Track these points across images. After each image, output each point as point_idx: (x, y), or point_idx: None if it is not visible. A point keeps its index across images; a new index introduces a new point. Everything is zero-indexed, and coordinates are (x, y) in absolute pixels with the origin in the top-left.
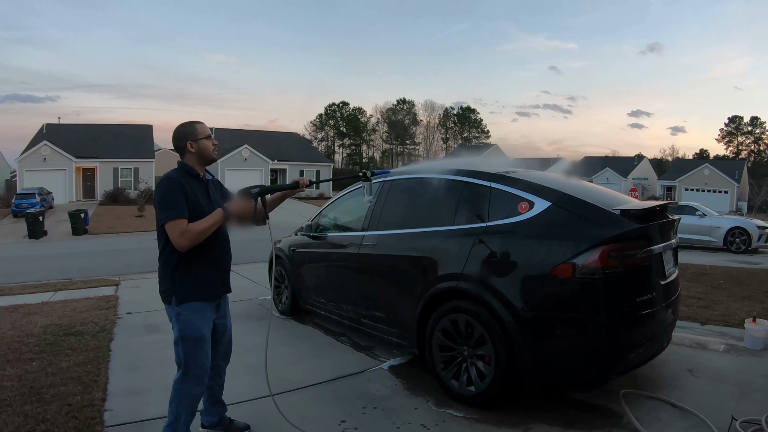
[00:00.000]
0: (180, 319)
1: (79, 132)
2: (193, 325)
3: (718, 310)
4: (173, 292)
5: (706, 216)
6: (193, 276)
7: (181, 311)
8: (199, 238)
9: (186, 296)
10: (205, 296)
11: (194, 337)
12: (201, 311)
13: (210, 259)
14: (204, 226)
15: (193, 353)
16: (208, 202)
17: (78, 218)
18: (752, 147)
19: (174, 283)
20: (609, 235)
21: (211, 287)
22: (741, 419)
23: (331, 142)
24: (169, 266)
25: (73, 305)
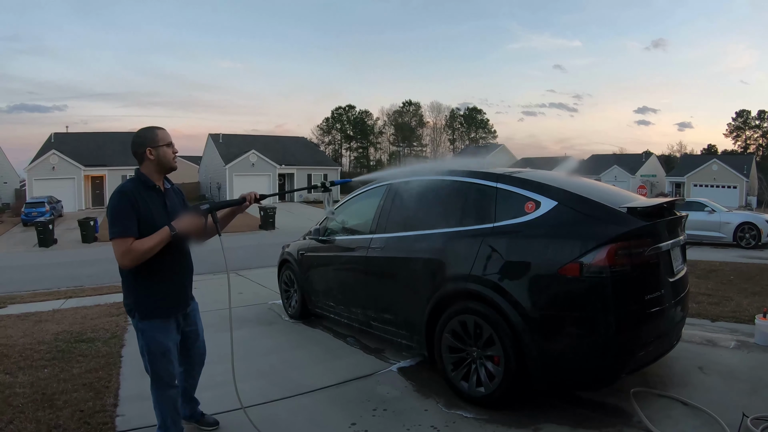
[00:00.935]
0: (144, 336)
1: (87, 140)
2: (156, 340)
3: (729, 307)
4: (136, 308)
5: (715, 212)
6: (154, 292)
7: (145, 328)
8: (144, 257)
9: (147, 313)
10: (166, 313)
11: (159, 352)
12: (164, 327)
13: (167, 275)
14: (148, 246)
15: (159, 363)
16: (164, 214)
17: (87, 226)
18: (760, 141)
19: (136, 299)
20: (616, 233)
21: (171, 303)
22: (752, 416)
23: (339, 146)
24: (129, 280)
25: (83, 312)
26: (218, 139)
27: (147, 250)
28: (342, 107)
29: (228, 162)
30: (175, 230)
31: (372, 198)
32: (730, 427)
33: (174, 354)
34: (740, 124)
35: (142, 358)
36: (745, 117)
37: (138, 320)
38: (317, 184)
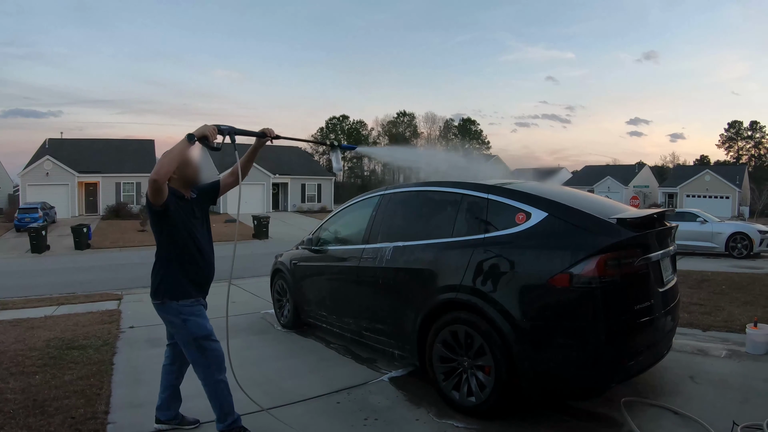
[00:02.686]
0: (187, 324)
1: (81, 147)
2: (199, 324)
3: (720, 316)
4: (165, 289)
5: (707, 222)
6: (182, 272)
7: (184, 313)
8: (169, 166)
9: (177, 293)
10: (194, 292)
11: (203, 335)
12: (199, 311)
13: (194, 256)
14: (170, 155)
15: (208, 349)
16: (194, 220)
17: (81, 233)
18: (753, 152)
19: (163, 279)
20: (605, 243)
21: (198, 282)
22: (743, 424)
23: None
24: (160, 262)
25: (75, 319)
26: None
27: (171, 158)
28: (336, 117)
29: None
30: (192, 134)
31: (365, 208)
32: None
33: (214, 336)
34: (732, 135)
35: (187, 349)
36: (738, 128)
37: (169, 304)
38: (326, 141)
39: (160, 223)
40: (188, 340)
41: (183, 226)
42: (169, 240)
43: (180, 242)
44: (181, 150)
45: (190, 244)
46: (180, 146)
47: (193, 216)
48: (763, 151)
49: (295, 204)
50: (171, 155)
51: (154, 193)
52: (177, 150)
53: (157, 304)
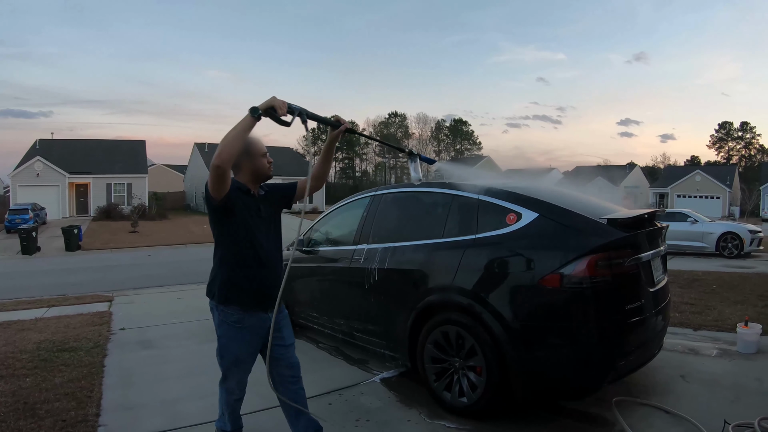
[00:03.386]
0: (221, 328)
1: (72, 147)
2: (230, 342)
3: (711, 316)
4: (217, 291)
5: (698, 222)
6: (235, 277)
7: (223, 320)
8: (233, 145)
9: (225, 297)
10: (246, 303)
11: (231, 356)
12: (242, 327)
13: (249, 263)
14: (233, 132)
15: (230, 367)
16: (258, 219)
17: (71, 234)
18: (743, 152)
19: (214, 279)
20: (596, 244)
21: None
22: (734, 423)
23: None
24: (215, 261)
25: (66, 321)
26: (204, 149)
27: (234, 137)
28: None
29: None
30: (257, 107)
31: (356, 209)
32: None
33: (247, 363)
34: (723, 136)
35: (218, 358)
36: (728, 128)
37: (215, 310)
38: (404, 149)
39: (219, 219)
40: (217, 353)
41: (243, 225)
42: (227, 239)
43: (238, 243)
44: (244, 127)
45: (247, 246)
46: (243, 123)
47: (258, 215)
48: (753, 151)
49: None
50: (233, 134)
51: (215, 181)
52: (240, 127)
53: (210, 305)
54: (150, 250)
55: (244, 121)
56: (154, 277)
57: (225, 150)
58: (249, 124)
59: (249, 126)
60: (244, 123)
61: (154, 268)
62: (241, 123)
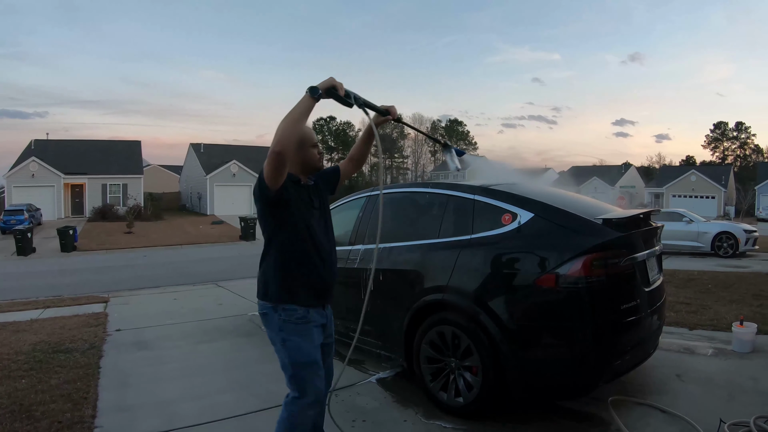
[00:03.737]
0: (283, 333)
1: (67, 148)
2: (297, 345)
3: (707, 315)
4: (270, 290)
5: (693, 222)
6: (293, 274)
7: (284, 327)
8: (293, 127)
9: (282, 295)
10: (303, 300)
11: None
12: (306, 328)
13: (308, 258)
14: (292, 115)
15: (303, 372)
16: (312, 210)
17: (67, 235)
18: (738, 152)
19: (269, 279)
20: (591, 244)
21: (310, 290)
22: (730, 422)
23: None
24: (268, 260)
25: (62, 322)
26: (199, 149)
27: (294, 120)
28: (323, 118)
29: (209, 172)
30: (316, 87)
31: (351, 210)
32: None
33: (321, 364)
34: (718, 136)
35: (284, 370)
36: (723, 128)
37: (272, 316)
38: (440, 140)
39: (273, 213)
40: (285, 363)
41: (300, 218)
42: (283, 233)
43: (296, 236)
44: (305, 108)
45: (306, 239)
46: (302, 104)
47: (312, 206)
48: (748, 151)
49: None
50: (293, 117)
51: (274, 169)
52: (300, 109)
53: (261, 314)
54: (145, 251)
55: (303, 102)
56: (150, 277)
57: (285, 134)
58: (309, 105)
59: (309, 107)
60: (303, 104)
61: (149, 269)
62: (300, 105)
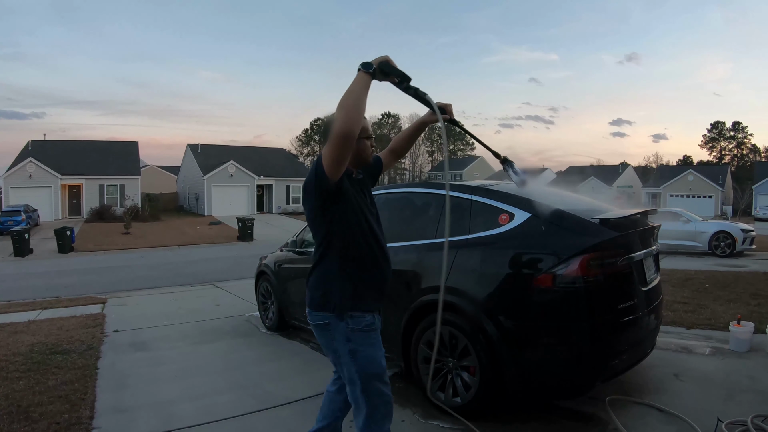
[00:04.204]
0: (352, 343)
1: (64, 149)
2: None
3: (704, 314)
4: (335, 300)
5: (691, 221)
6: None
7: (353, 337)
8: (356, 109)
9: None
10: (368, 305)
11: (374, 371)
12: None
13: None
14: (351, 94)
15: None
16: (367, 204)
17: (64, 236)
18: (735, 152)
19: (333, 286)
20: (588, 244)
21: (373, 294)
22: (727, 421)
23: (318, 157)
24: (327, 265)
25: (59, 323)
26: (197, 150)
27: (356, 99)
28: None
29: (206, 173)
30: (370, 62)
31: None
32: None
33: (387, 377)
34: (715, 135)
35: (350, 386)
36: (720, 128)
37: (337, 326)
38: (500, 155)
39: (331, 208)
40: (353, 376)
41: (360, 212)
42: (342, 231)
43: (358, 235)
44: (363, 85)
45: (369, 236)
46: (360, 81)
47: (364, 200)
48: (745, 151)
49: (279, 206)
50: (354, 95)
51: (339, 156)
52: (358, 87)
53: (319, 325)
54: (143, 252)
55: (359, 79)
56: (147, 278)
57: (351, 114)
58: (366, 81)
59: (366, 84)
60: (361, 81)
61: (147, 270)
62: (356, 83)
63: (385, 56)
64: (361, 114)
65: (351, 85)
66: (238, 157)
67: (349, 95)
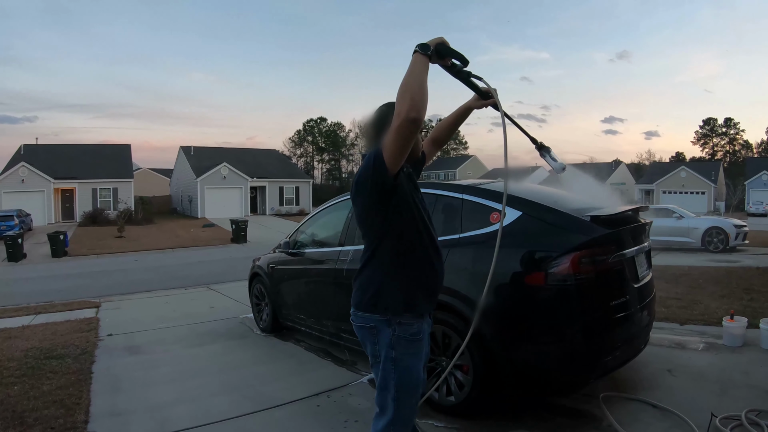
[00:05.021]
0: (393, 350)
1: (57, 152)
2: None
3: (698, 310)
4: (383, 302)
5: (683, 218)
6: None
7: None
8: (420, 93)
9: (397, 306)
10: (418, 308)
11: (412, 382)
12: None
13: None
14: (412, 78)
15: (408, 396)
16: (417, 199)
17: (57, 240)
18: (727, 148)
19: (383, 288)
20: (579, 241)
21: (424, 296)
22: (721, 416)
23: (310, 158)
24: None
25: (54, 328)
26: (189, 152)
27: (419, 82)
28: (314, 119)
29: (199, 175)
30: (427, 44)
31: (340, 210)
32: (699, 427)
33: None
34: (707, 132)
35: (380, 392)
36: (712, 125)
37: (384, 332)
38: (537, 141)
39: (387, 205)
40: (389, 384)
41: (415, 208)
42: (397, 230)
43: (412, 232)
44: (422, 67)
45: (423, 233)
46: (417, 64)
47: (418, 195)
48: (737, 147)
49: (273, 207)
50: (415, 78)
51: (403, 145)
52: (417, 69)
53: (363, 327)
54: (137, 255)
55: (418, 61)
56: (141, 282)
57: (417, 97)
58: (425, 62)
59: (427, 65)
60: (420, 63)
61: (140, 273)
62: (415, 64)
63: (441, 37)
64: (426, 96)
65: (410, 68)
66: (231, 159)
67: (411, 78)
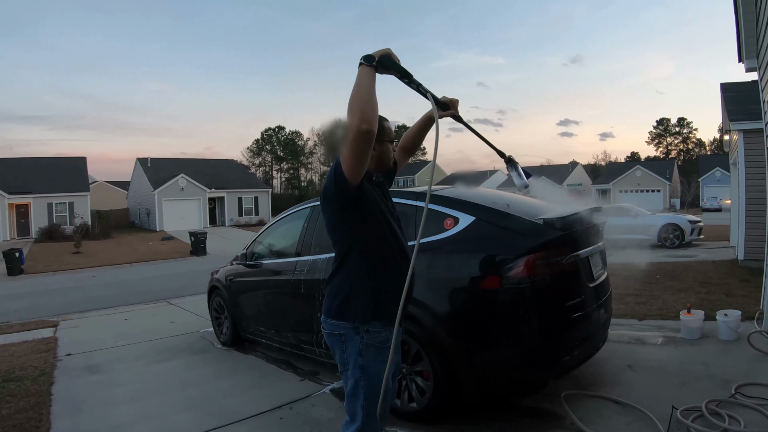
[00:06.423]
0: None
1: (11, 166)
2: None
3: (656, 305)
4: (351, 308)
5: (640, 215)
6: (373, 284)
7: (363, 348)
8: (369, 103)
9: (366, 312)
10: (385, 313)
11: (377, 379)
12: (383, 346)
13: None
14: (359, 90)
15: (373, 398)
16: (387, 207)
17: (13, 258)
18: (681, 146)
19: (350, 295)
20: (533, 244)
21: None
22: (682, 408)
23: (269, 167)
24: (346, 270)
25: (11, 350)
26: (146, 164)
27: (366, 92)
28: (272, 128)
29: (157, 187)
30: (371, 54)
31: (296, 220)
32: (660, 420)
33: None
34: (661, 132)
35: (349, 399)
36: (666, 125)
37: (352, 340)
38: (504, 154)
39: (353, 215)
40: (357, 391)
41: (382, 217)
42: (365, 239)
43: (380, 240)
44: (369, 79)
45: (391, 242)
46: (364, 76)
47: (386, 204)
48: (690, 145)
49: (232, 218)
50: (363, 89)
51: (359, 155)
52: (364, 81)
53: (332, 335)
54: (94, 271)
55: (364, 73)
56: (100, 298)
57: (367, 109)
58: (371, 74)
59: (372, 77)
60: (367, 75)
61: (99, 290)
62: (362, 76)
63: (387, 49)
64: (376, 107)
65: (357, 80)
66: (188, 170)
67: (359, 91)
